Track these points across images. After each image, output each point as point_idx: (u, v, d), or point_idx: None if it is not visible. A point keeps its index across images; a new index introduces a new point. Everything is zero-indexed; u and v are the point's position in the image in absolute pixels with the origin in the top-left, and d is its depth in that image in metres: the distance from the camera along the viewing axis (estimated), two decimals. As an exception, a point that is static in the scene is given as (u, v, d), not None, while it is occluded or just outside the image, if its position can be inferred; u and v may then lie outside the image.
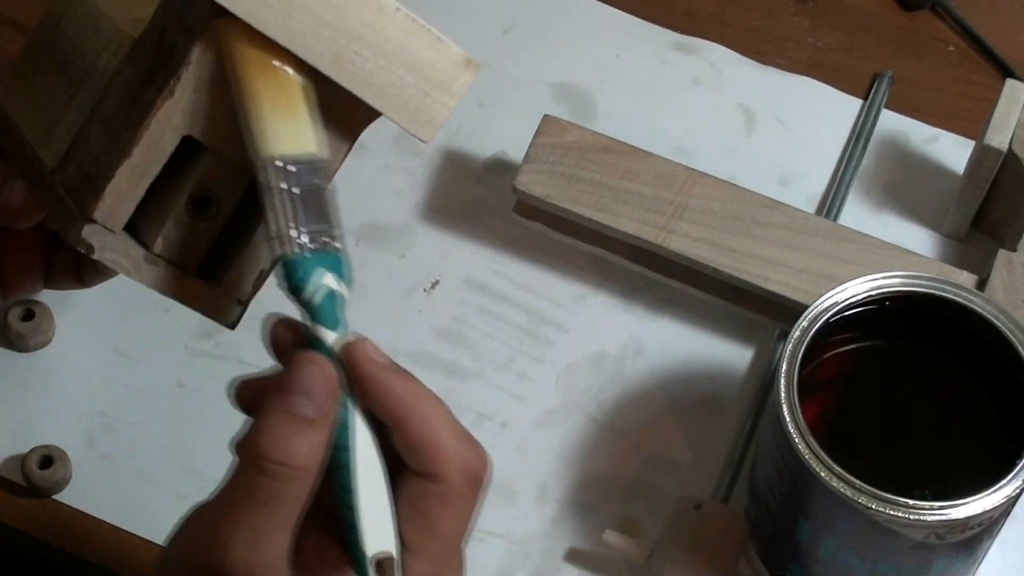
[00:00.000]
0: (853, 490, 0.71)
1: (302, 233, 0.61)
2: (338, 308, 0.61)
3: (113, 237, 0.65)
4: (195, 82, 0.63)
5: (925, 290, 0.75)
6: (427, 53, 0.65)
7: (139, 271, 0.66)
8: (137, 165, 0.64)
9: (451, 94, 0.65)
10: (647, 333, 0.88)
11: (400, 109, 0.65)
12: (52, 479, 0.83)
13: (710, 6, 0.98)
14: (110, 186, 0.64)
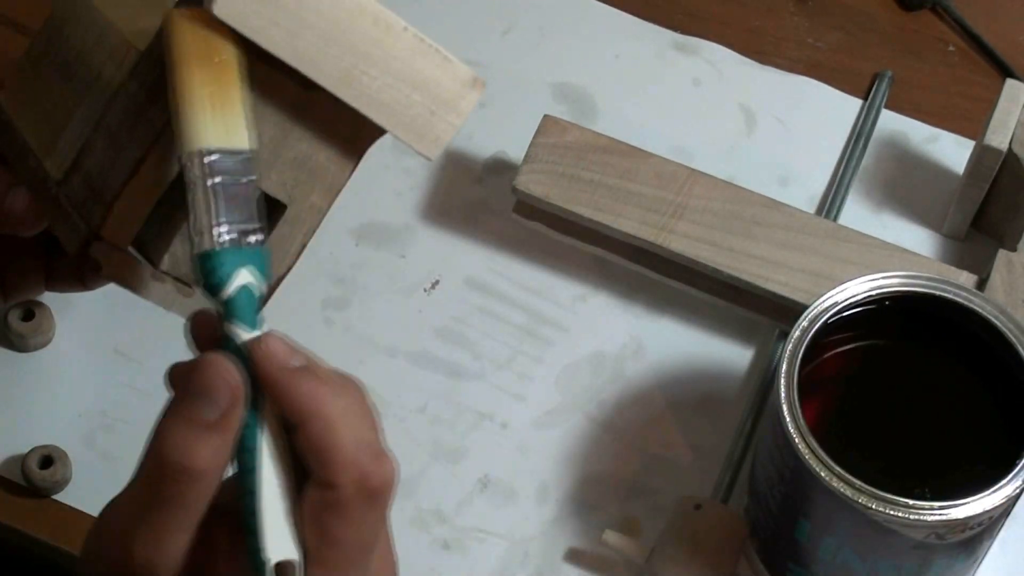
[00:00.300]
0: (853, 490, 0.71)
1: (223, 228, 0.59)
2: (256, 305, 0.60)
3: (119, 254, 0.65)
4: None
5: (925, 290, 0.75)
6: (434, 72, 0.65)
7: (145, 288, 0.66)
8: (145, 183, 0.64)
9: (457, 113, 0.66)
10: (647, 333, 0.88)
11: (406, 127, 0.65)
12: (52, 479, 0.82)
13: (710, 6, 0.98)
14: (118, 204, 0.64)
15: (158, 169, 0.64)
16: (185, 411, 0.58)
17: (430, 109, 0.65)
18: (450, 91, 0.65)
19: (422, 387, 0.86)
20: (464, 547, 0.83)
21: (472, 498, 0.84)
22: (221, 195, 0.60)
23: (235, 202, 0.60)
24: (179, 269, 0.66)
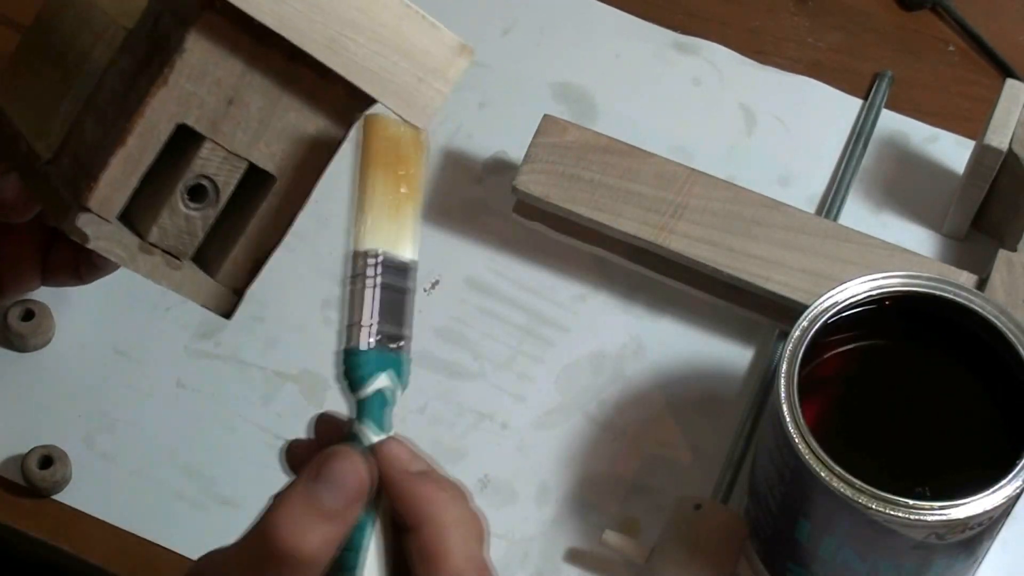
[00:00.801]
0: (853, 490, 0.71)
1: (375, 330, 0.61)
2: (388, 410, 0.61)
3: (108, 226, 0.65)
4: (189, 70, 0.63)
5: (925, 290, 0.75)
6: (421, 39, 0.65)
7: (134, 261, 0.66)
8: (132, 153, 0.64)
9: (445, 80, 0.66)
10: (647, 333, 0.88)
11: (394, 95, 0.65)
12: (52, 479, 0.82)
13: (710, 6, 0.98)
14: (105, 174, 0.64)
15: (144, 138, 0.64)
16: (307, 494, 0.58)
17: (418, 76, 0.65)
18: (438, 58, 0.65)
19: (422, 387, 0.86)
20: (464, 547, 0.83)
21: (472, 498, 0.84)
22: (380, 298, 0.61)
23: (390, 308, 0.61)
24: (167, 241, 0.66)
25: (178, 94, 0.64)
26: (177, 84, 0.64)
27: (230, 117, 0.64)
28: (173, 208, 0.66)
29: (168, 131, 0.64)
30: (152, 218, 0.66)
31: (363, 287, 0.61)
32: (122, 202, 0.65)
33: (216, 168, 0.66)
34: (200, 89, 0.64)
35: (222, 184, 0.66)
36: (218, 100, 0.64)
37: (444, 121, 0.93)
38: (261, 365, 0.87)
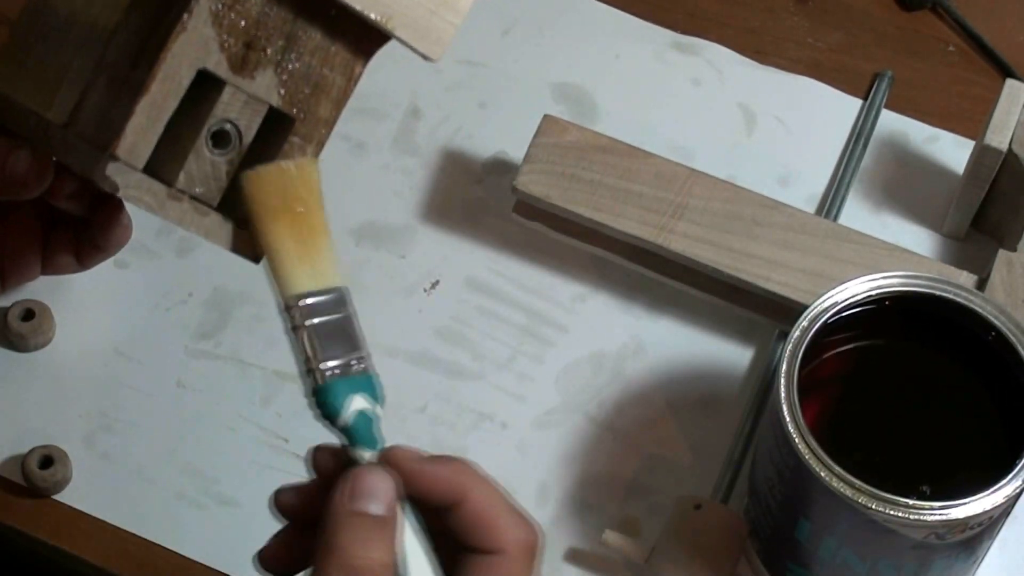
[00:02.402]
0: (853, 490, 0.71)
1: (330, 363, 0.63)
2: (374, 427, 0.63)
3: (136, 174, 0.66)
4: (206, 15, 0.64)
5: (925, 290, 0.75)
6: None
7: (163, 207, 0.67)
8: (155, 100, 0.64)
9: (456, 12, 0.66)
10: (647, 333, 0.88)
11: (407, 27, 0.65)
12: (52, 479, 0.82)
13: (710, 6, 0.98)
14: (131, 122, 0.64)
15: (166, 85, 0.64)
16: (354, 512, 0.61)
17: (430, 9, 0.65)
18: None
19: (422, 387, 0.86)
20: (464, 547, 0.83)
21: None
22: (322, 334, 0.63)
23: (335, 337, 0.63)
24: (194, 187, 0.67)
25: (197, 39, 0.64)
26: (196, 29, 0.64)
27: (248, 60, 0.65)
28: (198, 153, 0.66)
29: (189, 76, 0.65)
30: (178, 164, 0.66)
31: (304, 331, 0.63)
32: (149, 149, 0.65)
33: (238, 112, 0.66)
34: (218, 33, 0.65)
35: (244, 128, 0.67)
36: (236, 44, 0.65)
37: (444, 121, 0.94)
38: (261, 365, 0.87)
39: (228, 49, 0.65)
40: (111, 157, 0.65)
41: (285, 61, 0.66)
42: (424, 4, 0.65)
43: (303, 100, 0.67)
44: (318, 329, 0.63)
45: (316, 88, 0.67)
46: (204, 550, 0.82)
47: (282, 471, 0.84)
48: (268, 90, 0.66)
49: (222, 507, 0.83)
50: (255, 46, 0.66)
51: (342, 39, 0.67)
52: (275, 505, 0.64)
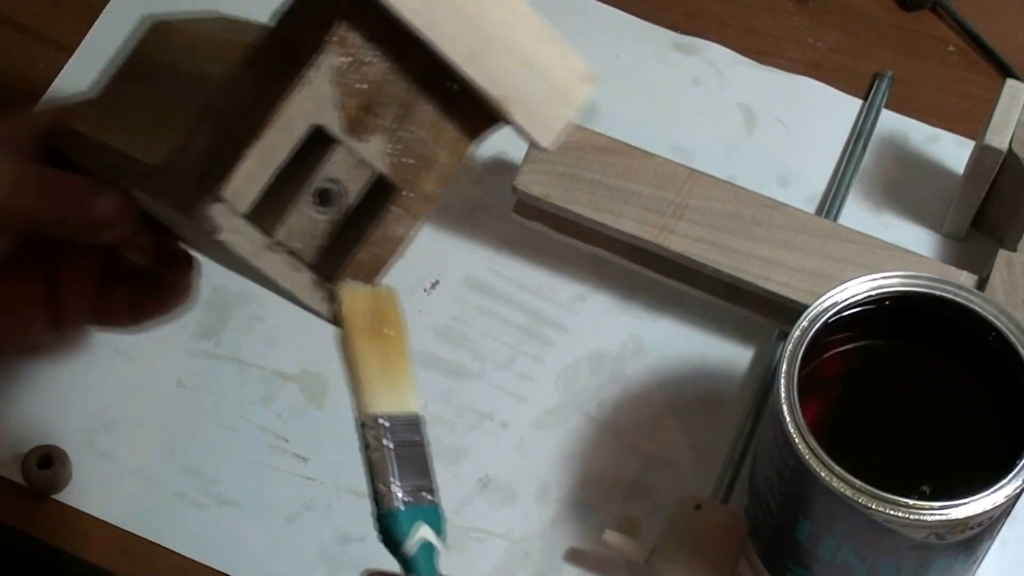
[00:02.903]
0: (853, 490, 0.71)
1: (400, 488, 0.63)
2: (434, 560, 0.63)
3: (236, 219, 0.65)
4: (329, 72, 0.63)
5: (925, 290, 0.75)
6: (555, 62, 0.65)
7: (259, 256, 0.66)
8: (268, 147, 0.64)
9: (571, 104, 0.65)
10: (647, 333, 0.88)
11: (525, 113, 0.65)
12: (52, 479, 0.82)
13: (710, 6, 0.98)
14: (241, 166, 0.63)
15: (281, 135, 0.64)
16: None
17: (548, 98, 0.65)
18: (567, 81, 0.65)
19: (422, 387, 0.85)
20: (464, 547, 0.83)
21: (472, 498, 0.84)
22: (397, 457, 0.64)
23: (408, 463, 0.64)
24: (292, 242, 0.66)
25: (317, 94, 0.64)
26: (317, 84, 0.63)
27: (363, 123, 0.64)
28: (301, 208, 0.65)
29: (304, 130, 0.64)
30: (280, 216, 0.66)
31: (379, 451, 0.63)
32: (254, 196, 0.64)
33: (345, 174, 0.65)
34: (338, 92, 0.64)
35: (349, 190, 0.66)
36: (353, 105, 0.64)
37: (444, 121, 0.94)
38: (261, 365, 0.87)
39: (345, 109, 0.64)
40: (216, 198, 0.63)
41: (399, 130, 0.65)
42: (541, 92, 0.64)
43: (409, 171, 0.66)
44: (393, 452, 0.64)
45: (423, 161, 0.66)
46: (204, 550, 0.83)
47: (282, 471, 0.84)
48: (378, 156, 0.65)
49: (222, 507, 0.83)
50: (371, 110, 0.65)
51: (456, 116, 0.66)
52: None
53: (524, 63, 0.64)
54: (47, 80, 0.95)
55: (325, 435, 0.85)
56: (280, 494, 0.84)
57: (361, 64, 0.64)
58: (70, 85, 0.95)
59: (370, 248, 0.67)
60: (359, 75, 0.64)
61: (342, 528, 0.83)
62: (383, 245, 0.67)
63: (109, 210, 0.71)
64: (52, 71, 0.95)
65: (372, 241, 0.67)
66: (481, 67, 0.64)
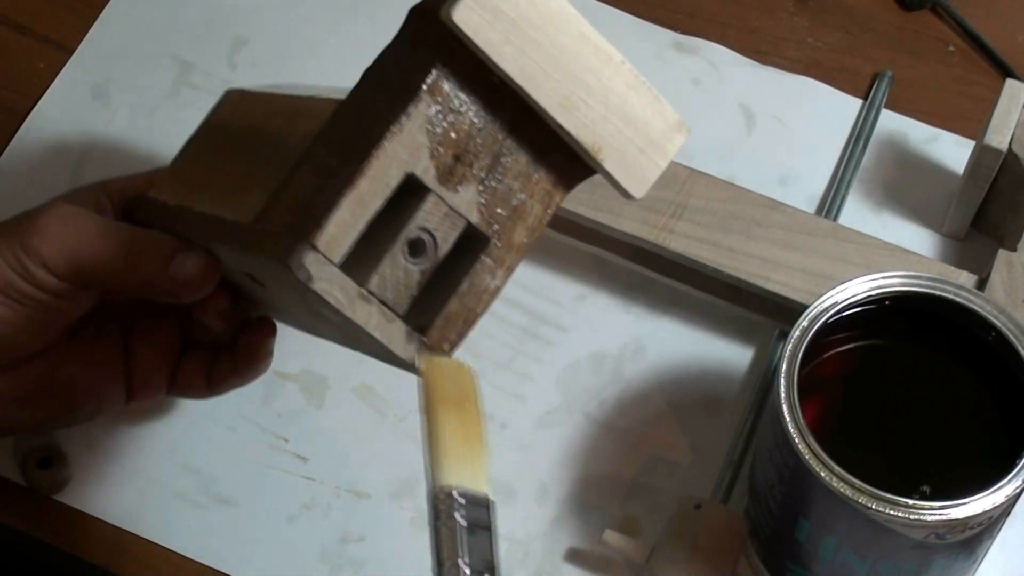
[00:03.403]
0: (853, 490, 0.71)
1: (467, 566, 0.62)
2: None
3: (331, 268, 0.64)
4: (422, 121, 0.63)
5: (925, 290, 0.75)
6: (645, 110, 0.64)
7: (352, 307, 0.65)
8: (362, 196, 0.63)
9: (663, 154, 0.65)
10: (647, 333, 0.88)
11: (616, 162, 0.64)
12: (52, 479, 0.82)
13: (710, 6, 0.98)
14: (335, 215, 0.63)
15: (375, 183, 0.63)
16: None
17: (639, 147, 0.64)
18: (659, 131, 0.65)
19: (422, 387, 0.86)
20: (464, 547, 0.83)
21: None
22: (465, 533, 0.63)
23: (476, 544, 0.63)
24: (385, 292, 0.65)
25: (410, 143, 0.63)
26: (410, 133, 0.63)
27: (454, 173, 0.64)
28: (394, 258, 0.65)
29: (398, 179, 0.64)
30: (373, 266, 0.65)
31: (448, 523, 0.63)
32: (348, 245, 0.64)
33: (437, 223, 0.65)
34: (431, 141, 0.64)
35: (440, 240, 0.65)
36: (445, 154, 0.64)
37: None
38: (261, 365, 0.87)
39: (437, 158, 0.64)
40: (311, 247, 0.63)
41: (489, 179, 0.65)
42: (634, 141, 0.64)
43: (500, 222, 0.66)
44: (464, 529, 0.63)
45: (514, 212, 0.66)
46: (204, 550, 0.83)
47: (282, 471, 0.84)
48: (469, 206, 0.65)
49: (222, 507, 0.83)
50: (463, 160, 0.64)
51: (547, 166, 0.66)
52: None
53: (616, 112, 0.64)
54: (47, 80, 0.95)
55: (325, 435, 0.85)
56: (280, 494, 0.84)
57: (453, 112, 0.64)
58: (70, 85, 0.95)
59: (461, 299, 0.67)
60: (451, 124, 0.64)
61: (342, 528, 0.83)
62: (474, 296, 0.67)
63: (192, 269, 0.72)
64: (52, 71, 0.95)
65: (463, 292, 0.66)
66: (574, 115, 0.63)
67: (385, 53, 0.66)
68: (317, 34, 0.97)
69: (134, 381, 0.77)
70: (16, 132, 0.93)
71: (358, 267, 0.65)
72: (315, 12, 0.97)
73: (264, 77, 0.95)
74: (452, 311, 0.67)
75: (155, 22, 0.97)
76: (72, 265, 0.71)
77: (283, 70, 0.96)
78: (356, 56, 0.67)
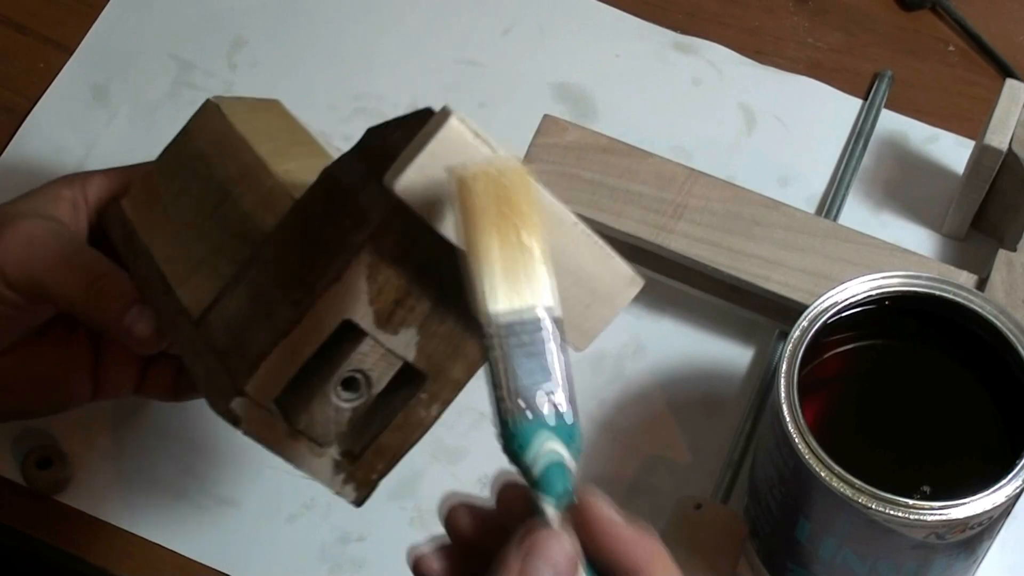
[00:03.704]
0: (853, 490, 0.71)
1: (523, 395, 0.56)
2: (564, 477, 0.56)
3: (258, 411, 0.64)
4: (364, 268, 0.62)
5: (925, 290, 0.75)
6: (596, 267, 0.63)
7: (279, 445, 0.65)
8: (294, 344, 0.63)
9: (611, 307, 0.64)
10: (647, 333, 0.88)
11: None
12: (52, 479, 0.82)
13: (710, 6, 0.98)
14: (265, 362, 0.63)
15: (309, 331, 0.63)
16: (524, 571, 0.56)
17: (585, 303, 0.63)
18: (609, 286, 0.64)
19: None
20: (464, 547, 0.83)
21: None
22: (520, 362, 0.56)
23: (536, 369, 0.56)
24: (314, 430, 0.65)
25: (349, 291, 0.62)
26: (350, 282, 0.62)
27: (394, 317, 0.63)
28: (325, 398, 0.65)
29: (333, 326, 0.63)
30: (303, 406, 0.65)
31: (501, 355, 0.56)
32: (278, 390, 0.64)
33: (372, 364, 0.64)
34: (371, 287, 0.63)
35: (375, 379, 0.65)
36: (385, 300, 0.63)
37: (444, 121, 0.93)
38: (261, 365, 0.87)
39: (377, 303, 0.63)
40: (238, 392, 0.63)
41: (430, 322, 0.64)
42: (581, 297, 0.63)
43: (439, 360, 0.65)
44: (516, 355, 0.56)
45: (455, 351, 0.65)
46: (204, 550, 0.83)
47: (282, 471, 0.84)
48: (407, 347, 0.64)
49: (222, 507, 0.83)
50: (404, 304, 0.63)
51: None
52: (445, 521, 0.60)
53: (564, 270, 0.61)
54: (47, 80, 0.95)
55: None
56: (280, 494, 0.84)
57: (396, 262, 0.62)
58: (70, 85, 0.95)
59: (394, 432, 0.66)
60: (393, 273, 0.62)
61: (342, 528, 0.83)
62: (408, 429, 0.66)
63: (146, 330, 0.72)
64: (52, 71, 0.95)
65: (396, 425, 0.66)
66: None
67: (343, 162, 0.65)
68: (317, 34, 0.97)
69: (101, 380, 0.78)
70: (16, 132, 0.93)
71: (289, 405, 0.65)
72: (315, 12, 0.97)
73: (264, 77, 0.95)
74: (384, 443, 0.67)
75: (155, 22, 0.97)
76: (32, 285, 0.73)
77: (283, 70, 0.96)
78: (356, 56, 0.67)
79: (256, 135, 0.73)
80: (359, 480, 0.68)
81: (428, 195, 0.59)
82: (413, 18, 0.97)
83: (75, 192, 0.76)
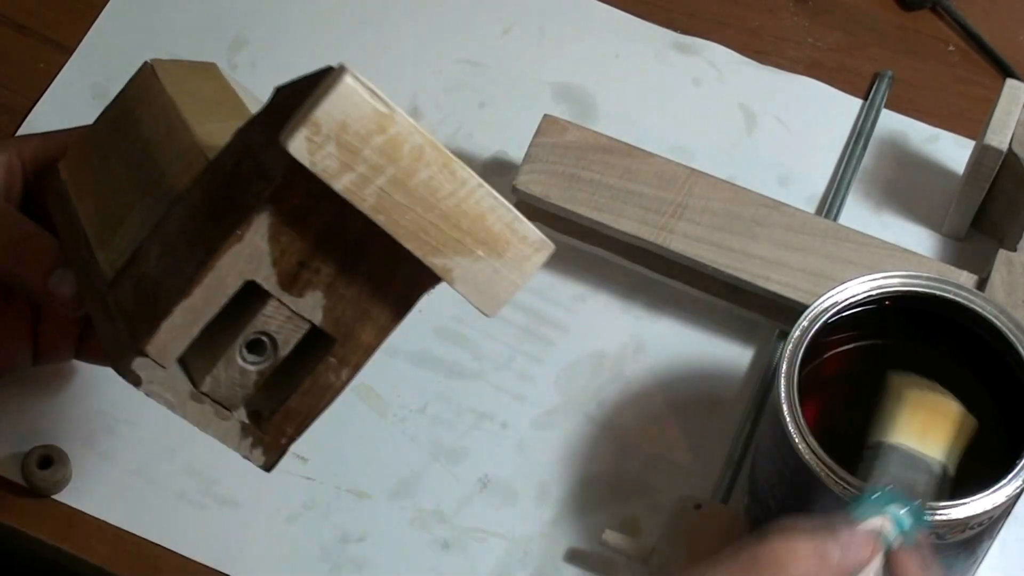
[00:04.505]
0: (853, 490, 0.71)
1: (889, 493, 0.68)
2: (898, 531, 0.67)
3: (162, 371, 0.64)
4: (265, 230, 0.61)
5: (925, 290, 0.75)
6: (503, 230, 0.63)
7: (183, 407, 0.65)
8: (196, 305, 0.62)
9: (521, 273, 0.64)
10: (647, 333, 0.88)
11: (468, 282, 0.63)
12: (52, 479, 0.82)
13: (710, 6, 0.98)
14: (166, 322, 0.62)
15: (210, 291, 0.62)
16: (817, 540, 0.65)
17: (494, 267, 0.63)
18: (517, 251, 0.63)
19: (422, 387, 0.86)
20: (464, 547, 0.83)
21: (472, 498, 0.84)
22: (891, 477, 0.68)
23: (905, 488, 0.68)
24: (219, 392, 0.65)
25: (250, 252, 0.62)
26: (251, 242, 0.61)
27: (299, 279, 0.63)
28: (229, 360, 0.64)
29: (235, 286, 0.62)
30: (207, 367, 0.64)
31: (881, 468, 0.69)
32: (180, 350, 0.63)
33: (278, 326, 0.64)
34: (273, 248, 0.62)
35: (282, 342, 0.64)
36: (289, 262, 0.62)
37: (444, 121, 0.93)
38: (261, 365, 0.87)
39: (280, 265, 0.62)
40: (139, 352, 0.63)
41: (336, 285, 0.64)
42: (488, 261, 0.63)
43: (347, 323, 0.65)
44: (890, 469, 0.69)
45: (363, 315, 0.65)
46: (204, 550, 0.82)
47: (282, 471, 0.84)
48: (313, 310, 0.64)
49: (222, 507, 0.83)
50: (309, 266, 0.63)
51: (399, 275, 0.64)
52: None
53: (470, 234, 0.62)
54: (47, 80, 0.95)
55: (325, 435, 0.85)
56: (280, 494, 0.84)
57: (299, 222, 0.62)
58: (70, 85, 0.95)
59: (302, 396, 0.66)
60: (296, 233, 0.62)
61: (342, 528, 0.83)
62: (316, 393, 0.66)
63: (69, 291, 0.71)
64: (52, 71, 0.95)
65: (304, 390, 0.66)
66: (422, 238, 0.61)
67: (255, 121, 0.64)
68: (317, 34, 0.97)
69: (41, 345, 0.77)
70: (16, 132, 0.93)
71: (193, 366, 0.64)
72: (315, 12, 0.97)
73: (264, 77, 0.95)
74: (292, 407, 0.66)
75: (155, 22, 0.97)
76: None
77: (283, 70, 0.95)
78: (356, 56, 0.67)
79: (184, 96, 0.72)
80: (267, 445, 0.67)
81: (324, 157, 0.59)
82: (413, 18, 0.97)
83: (10, 155, 0.75)
